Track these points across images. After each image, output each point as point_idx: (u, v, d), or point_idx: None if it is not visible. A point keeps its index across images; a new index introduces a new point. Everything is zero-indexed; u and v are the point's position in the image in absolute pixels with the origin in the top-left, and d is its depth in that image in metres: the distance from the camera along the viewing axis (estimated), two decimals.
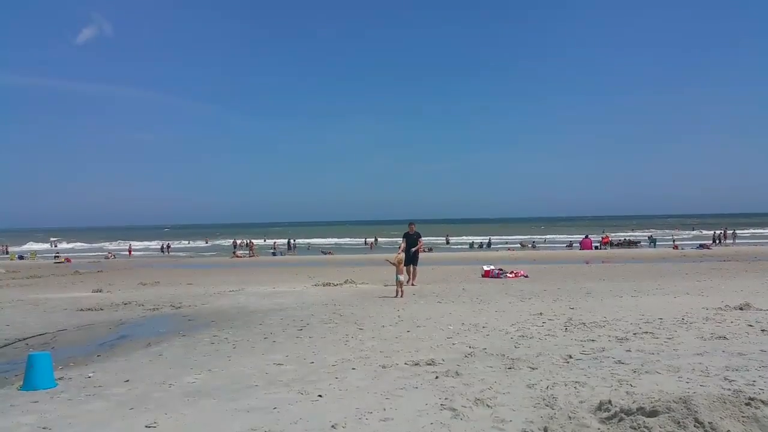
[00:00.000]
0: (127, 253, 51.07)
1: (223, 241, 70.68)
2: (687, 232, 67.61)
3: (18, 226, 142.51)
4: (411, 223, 16.03)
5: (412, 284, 15.18)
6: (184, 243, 72.05)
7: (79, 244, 73.80)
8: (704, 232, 61.91)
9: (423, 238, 16.85)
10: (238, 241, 50.10)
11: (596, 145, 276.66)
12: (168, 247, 56.70)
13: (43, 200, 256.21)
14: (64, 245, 67.58)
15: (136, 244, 61.79)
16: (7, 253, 41.71)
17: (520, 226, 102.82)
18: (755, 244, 41.16)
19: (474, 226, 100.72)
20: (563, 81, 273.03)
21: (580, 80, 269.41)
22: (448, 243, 56.25)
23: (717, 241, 43.91)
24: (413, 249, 15.56)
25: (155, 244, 62.96)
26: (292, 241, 52.40)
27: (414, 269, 15.65)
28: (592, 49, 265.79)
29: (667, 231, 67.78)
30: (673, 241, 48.61)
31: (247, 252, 43.81)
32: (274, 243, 51.77)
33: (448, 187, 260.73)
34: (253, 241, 49.38)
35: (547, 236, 63.17)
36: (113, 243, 69.85)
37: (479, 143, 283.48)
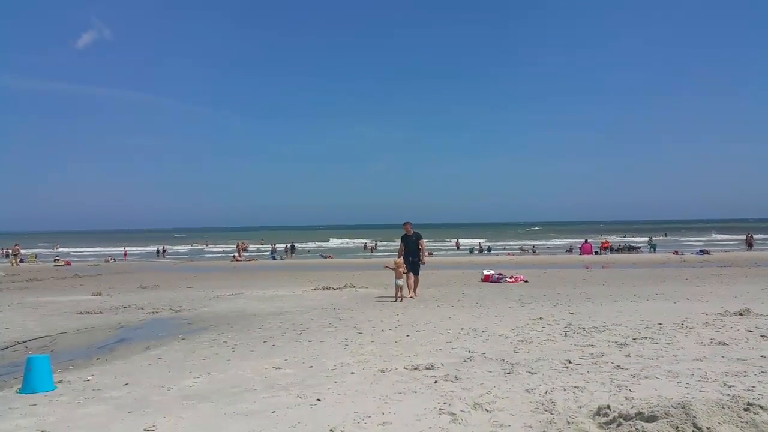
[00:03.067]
0: (123, 256, 51.13)
1: (213, 247, 70.60)
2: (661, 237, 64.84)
3: (16, 229, 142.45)
4: (406, 223, 13.91)
5: (413, 296, 13.39)
6: (187, 246, 71.98)
7: (78, 248, 73.77)
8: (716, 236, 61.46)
9: (426, 242, 14.68)
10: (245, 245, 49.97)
11: (593, 149, 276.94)
12: (164, 250, 56.57)
13: (42, 203, 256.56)
14: (62, 249, 67.52)
15: (131, 249, 61.75)
16: (7, 256, 41.57)
17: (518, 229, 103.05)
18: (756, 250, 41.09)
19: (473, 230, 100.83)
20: (563, 84, 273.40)
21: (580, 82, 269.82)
22: (458, 248, 55.97)
23: (749, 246, 42.69)
24: (413, 259, 13.62)
25: (151, 248, 62.81)
26: (277, 245, 51.89)
27: (416, 278, 13.73)
28: (590, 50, 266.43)
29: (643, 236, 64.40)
30: (649, 241, 48.35)
31: (236, 254, 43.53)
32: (279, 246, 51.57)
33: (448, 191, 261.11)
34: (247, 244, 49.25)
35: (548, 241, 63.08)
36: (112, 247, 69.79)
37: (478, 147, 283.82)
